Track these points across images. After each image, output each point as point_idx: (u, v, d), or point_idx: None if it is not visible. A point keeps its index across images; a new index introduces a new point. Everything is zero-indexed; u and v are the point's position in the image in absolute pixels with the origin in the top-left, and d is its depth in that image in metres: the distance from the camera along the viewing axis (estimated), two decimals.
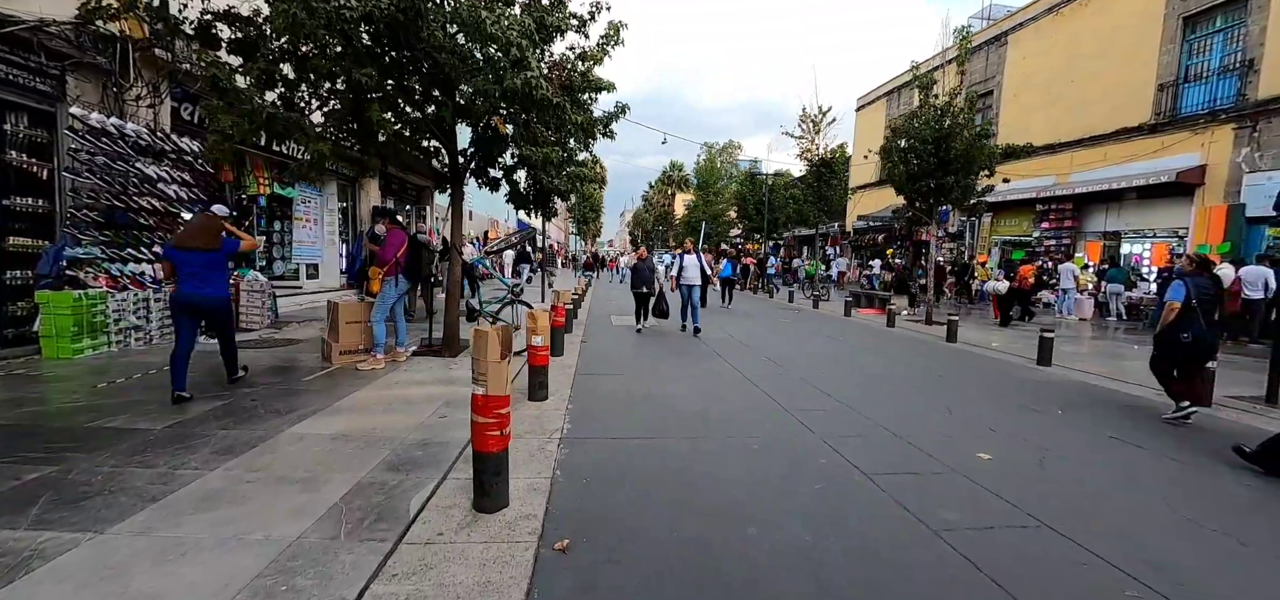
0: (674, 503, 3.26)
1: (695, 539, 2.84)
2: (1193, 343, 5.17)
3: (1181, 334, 5.19)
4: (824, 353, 8.56)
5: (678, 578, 2.49)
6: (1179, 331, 5.20)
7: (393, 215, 6.55)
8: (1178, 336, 5.21)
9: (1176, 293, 5.24)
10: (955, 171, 11.95)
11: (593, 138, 8.32)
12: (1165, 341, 5.35)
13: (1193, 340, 5.16)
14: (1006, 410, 5.63)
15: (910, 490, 3.52)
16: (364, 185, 14.35)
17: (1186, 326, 5.16)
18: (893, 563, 2.68)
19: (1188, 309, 5.14)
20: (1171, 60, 15.12)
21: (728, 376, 6.60)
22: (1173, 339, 5.26)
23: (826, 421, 4.90)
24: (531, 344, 5.06)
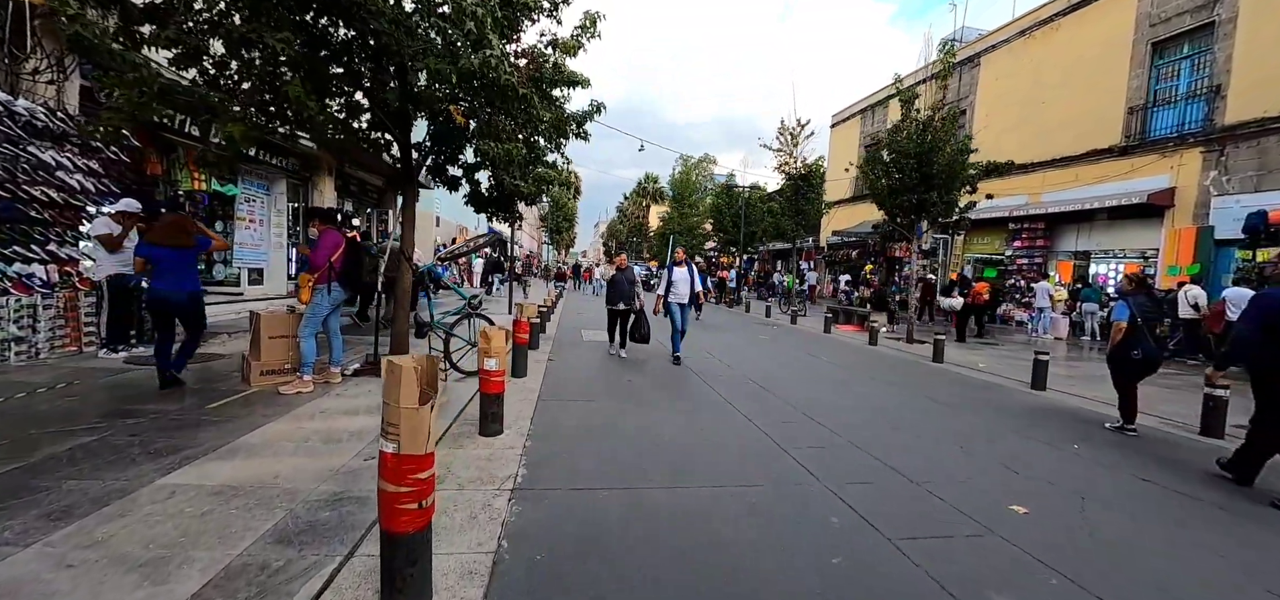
0: (656, 590, 2.45)
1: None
2: (1143, 359, 5.31)
3: (1132, 352, 5.32)
4: (810, 374, 7.89)
5: None
6: (1129, 349, 5.33)
7: (328, 214, 5.61)
8: (1129, 354, 5.35)
9: (1121, 312, 5.43)
10: (938, 187, 11.54)
11: (564, 137, 7.55)
12: (1117, 360, 5.50)
13: (1143, 357, 5.30)
14: (1020, 445, 5.00)
15: (947, 561, 2.79)
16: (318, 184, 13.21)
17: (1135, 344, 5.30)
18: None
19: (1134, 327, 5.29)
20: (1140, 84, 15.18)
21: (711, 403, 5.83)
22: (1124, 357, 5.40)
23: (829, 462, 4.17)
24: (484, 367, 4.20)
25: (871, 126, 25.44)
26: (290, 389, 5.23)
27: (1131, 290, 5.54)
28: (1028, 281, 17.43)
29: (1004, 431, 5.42)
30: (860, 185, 25.77)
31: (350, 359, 6.89)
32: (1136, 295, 5.45)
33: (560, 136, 7.57)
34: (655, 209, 50.38)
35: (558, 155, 8.02)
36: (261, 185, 12.12)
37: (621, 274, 8.44)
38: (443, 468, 3.66)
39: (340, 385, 5.63)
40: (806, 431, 4.97)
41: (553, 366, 7.34)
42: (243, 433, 4.13)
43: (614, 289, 8.45)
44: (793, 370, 8.02)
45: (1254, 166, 12.72)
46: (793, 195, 17.30)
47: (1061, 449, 4.95)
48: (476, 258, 23.68)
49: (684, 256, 8.60)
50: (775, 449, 4.43)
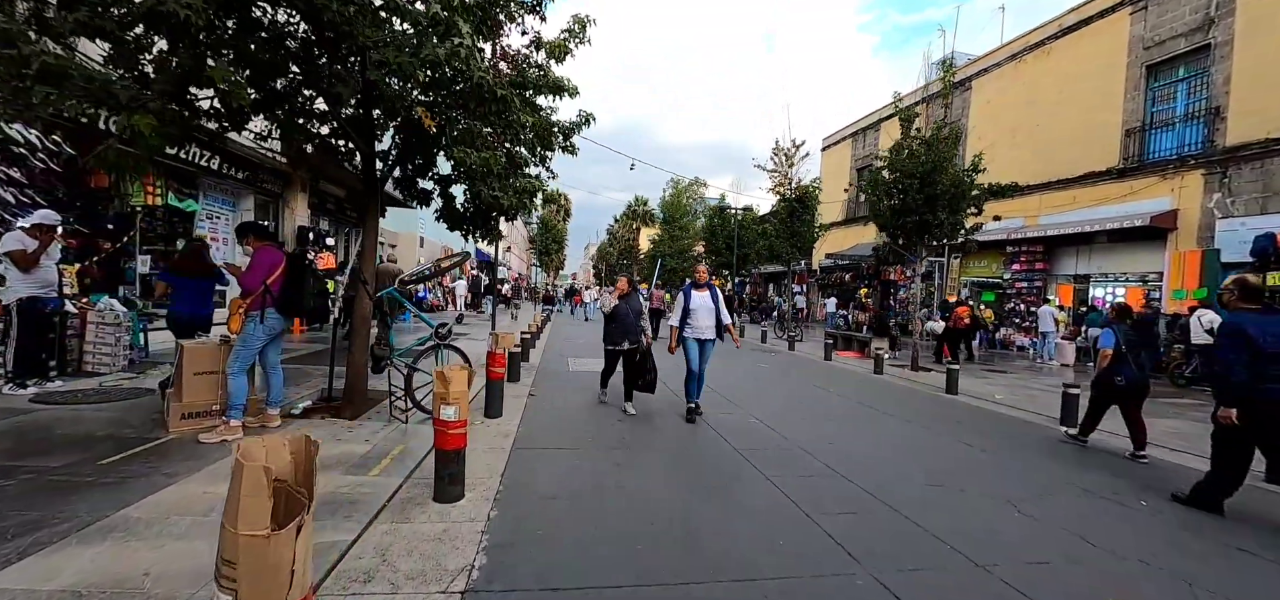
0: None
1: None
2: (1127, 385, 5.40)
3: (1116, 377, 5.44)
4: (822, 409, 7.06)
5: None
6: (1114, 375, 5.44)
7: (262, 230, 4.74)
8: (1113, 380, 5.45)
9: (1107, 340, 5.56)
10: (943, 207, 10.91)
11: (550, 149, 6.78)
12: (1102, 385, 5.62)
13: (1126, 383, 5.40)
14: (1080, 502, 4.20)
15: None
16: (290, 202, 12.31)
17: (1119, 370, 5.42)
18: None
19: (1119, 354, 5.42)
20: (1137, 107, 14.84)
21: (717, 452, 4.97)
22: (1109, 381, 5.50)
23: (869, 537, 3.32)
24: (440, 417, 3.33)
25: (863, 149, 25.12)
26: (213, 437, 4.30)
27: (1115, 318, 5.69)
28: (1028, 305, 16.88)
29: (1054, 483, 4.61)
30: (853, 208, 25.40)
31: (302, 395, 5.98)
32: (1120, 324, 5.58)
33: (545, 148, 6.81)
34: (645, 231, 49.81)
35: (543, 169, 7.25)
36: (226, 201, 11.21)
37: (626, 303, 6.28)
38: (377, 555, 2.77)
39: (279, 429, 4.70)
40: (833, 489, 4.12)
41: (534, 404, 6.45)
42: (131, 500, 3.21)
43: (616, 324, 6.19)
44: (803, 406, 7.19)
45: (1259, 188, 12.29)
46: (787, 217, 16.68)
47: (1129, 506, 4.16)
48: (460, 279, 22.75)
49: (707, 277, 6.33)
50: (801, 518, 3.56)
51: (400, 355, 5.20)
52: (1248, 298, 4.04)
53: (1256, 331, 3.75)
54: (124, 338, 6.79)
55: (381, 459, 4.17)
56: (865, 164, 24.90)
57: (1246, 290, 4.08)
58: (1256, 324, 3.80)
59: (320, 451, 4.07)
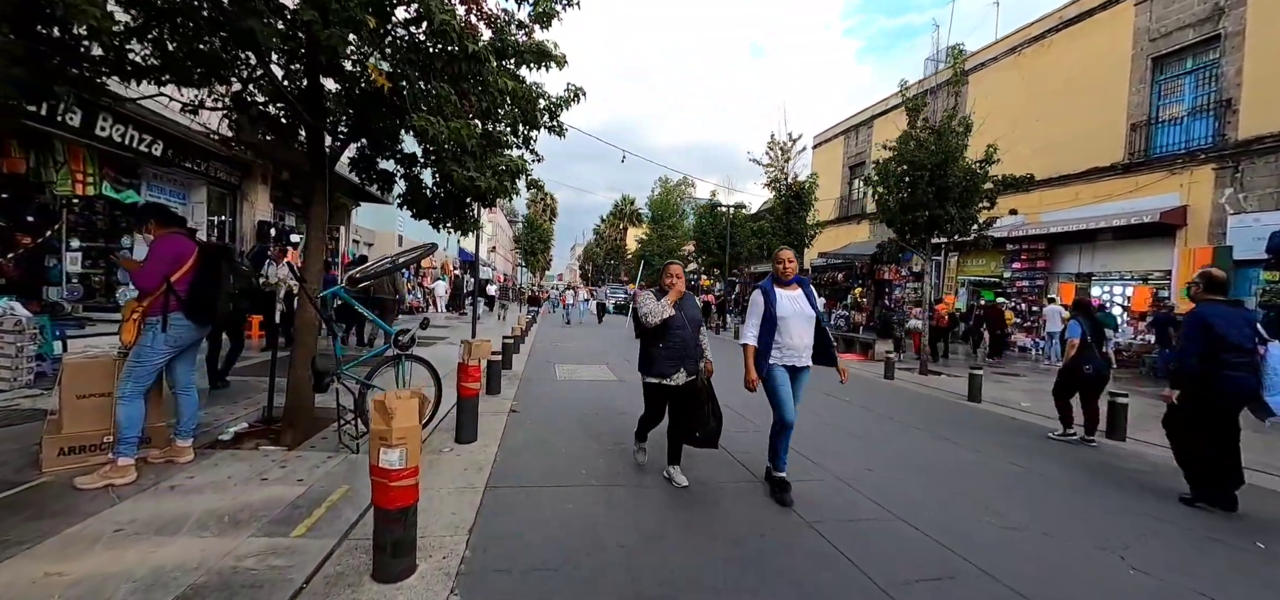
0: None
1: None
2: (1094, 374, 5.71)
3: (1084, 366, 5.71)
4: (842, 425, 6.20)
5: None
6: (1081, 364, 5.71)
7: (164, 212, 3.74)
8: (1081, 368, 5.72)
9: (1074, 331, 5.81)
10: (955, 201, 10.16)
11: (534, 126, 5.85)
12: (1069, 373, 5.87)
13: (1094, 371, 5.70)
14: (1186, 545, 3.37)
15: None
16: (249, 194, 11.18)
17: (1087, 359, 5.70)
18: None
19: (1085, 345, 5.70)
20: (1142, 100, 14.29)
21: (740, 488, 4.05)
22: (1077, 369, 5.76)
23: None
24: (378, 464, 2.38)
25: (855, 147, 24.48)
26: (95, 480, 3.29)
27: (1078, 313, 5.96)
28: (1029, 304, 16.30)
29: (1145, 522, 3.78)
30: (846, 206, 24.75)
31: (236, 416, 4.95)
32: (1083, 317, 5.83)
33: (528, 125, 5.86)
34: (633, 231, 48.88)
35: (526, 151, 6.30)
36: (176, 193, 10.06)
37: (682, 309, 3.87)
38: None
39: (189, 467, 3.70)
40: (898, 543, 3.23)
41: (516, 423, 5.48)
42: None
43: (669, 344, 3.77)
44: (821, 421, 6.31)
45: (1273, 183, 11.74)
46: (783, 214, 15.89)
47: (1238, 548, 3.34)
48: (440, 279, 21.60)
49: (794, 268, 3.91)
50: (877, 595, 2.66)
51: (349, 370, 4.21)
52: (1211, 289, 4.13)
53: (1221, 322, 3.85)
54: (28, 347, 5.68)
55: (315, 508, 3.19)
56: (857, 161, 24.26)
57: (1211, 283, 4.16)
58: (1220, 316, 3.89)
59: (236, 498, 3.09)
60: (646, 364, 3.90)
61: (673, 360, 3.78)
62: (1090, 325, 5.75)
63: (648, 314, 3.75)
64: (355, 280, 4.23)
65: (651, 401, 4.05)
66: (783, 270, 3.87)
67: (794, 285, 3.88)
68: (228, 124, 5.17)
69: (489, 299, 28.21)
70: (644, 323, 3.74)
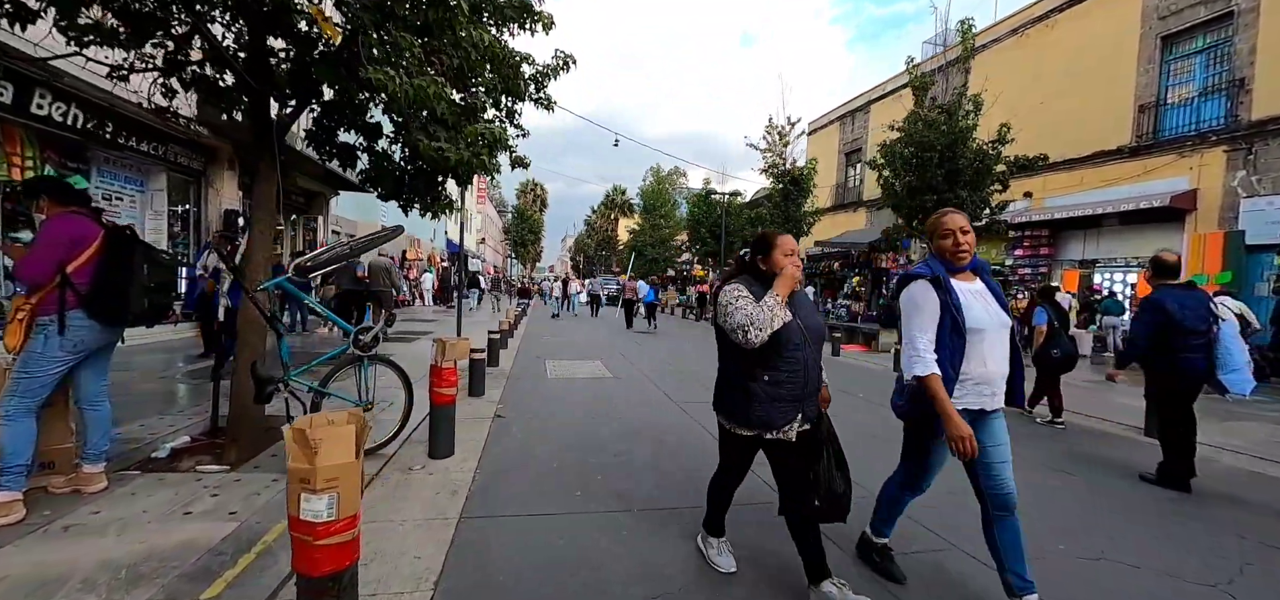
0: None
1: None
2: (1062, 357, 5.84)
3: (1052, 351, 5.84)
4: (878, 432, 5.62)
5: None
6: (1049, 349, 5.85)
7: (60, 187, 3.05)
8: (1051, 353, 5.85)
9: (1040, 317, 5.96)
10: (966, 184, 9.60)
11: (518, 97, 5.20)
12: (1041, 359, 5.93)
13: (1062, 355, 5.84)
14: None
15: None
16: (215, 181, 10.37)
17: (1054, 344, 5.83)
18: None
19: (1052, 330, 5.86)
20: (1150, 81, 13.81)
21: (767, 525, 3.47)
22: (1046, 355, 5.88)
23: None
24: (299, 516, 1.74)
25: (851, 133, 23.91)
26: None
27: (1043, 299, 6.11)
28: (1030, 292, 15.87)
29: (1222, 538, 3.24)
30: (842, 193, 24.21)
31: (176, 429, 4.28)
32: (1049, 305, 6.00)
33: (512, 96, 5.20)
34: (624, 222, 48.12)
35: (510, 125, 5.63)
36: (133, 180, 9.25)
37: (799, 315, 2.27)
38: None
39: (99, 498, 3.03)
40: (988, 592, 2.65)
41: (501, 431, 4.84)
42: None
43: (785, 365, 2.21)
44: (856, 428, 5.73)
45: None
46: (781, 200, 15.27)
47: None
48: (428, 271, 20.80)
49: (971, 243, 2.32)
50: None
51: (298, 376, 3.54)
52: (1161, 274, 4.14)
53: (1175, 306, 3.88)
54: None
55: (242, 554, 2.55)
56: (854, 148, 23.71)
57: (1160, 267, 4.16)
58: (1175, 299, 3.93)
59: (146, 541, 2.44)
60: (738, 404, 2.29)
61: (788, 401, 2.22)
62: (1055, 312, 5.97)
63: (746, 324, 2.11)
64: (304, 269, 3.55)
65: (736, 455, 2.49)
66: (954, 248, 2.28)
67: (970, 273, 2.34)
68: (162, 91, 4.45)
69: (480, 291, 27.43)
70: (741, 338, 2.12)
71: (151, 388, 5.53)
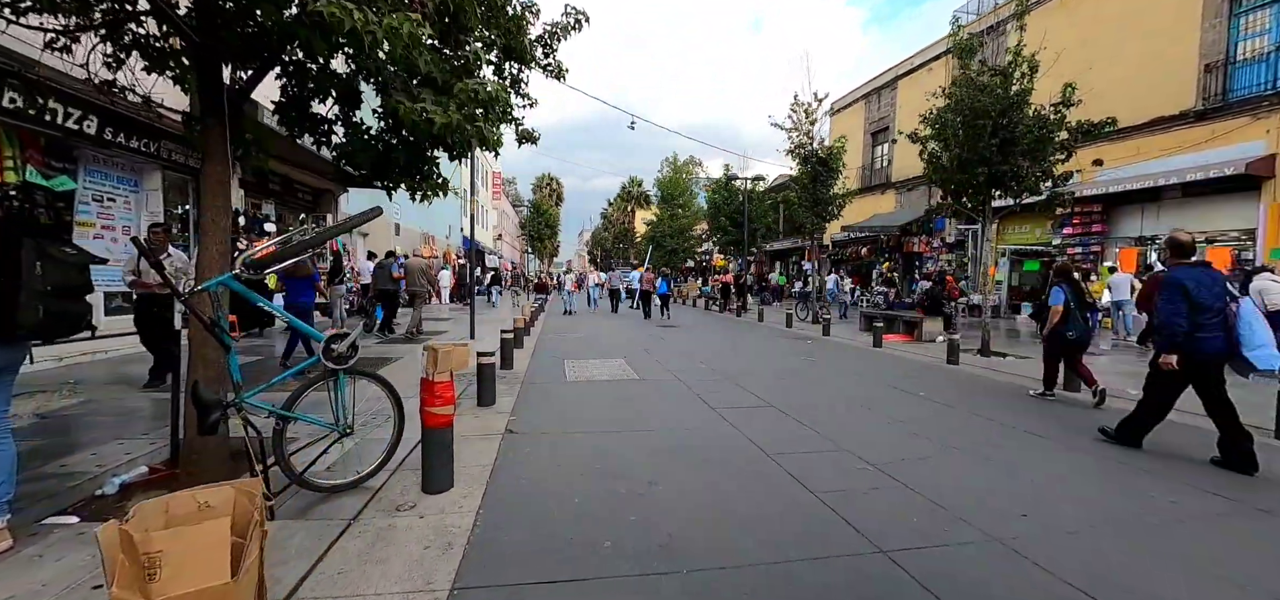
0: None
1: None
2: (1076, 339, 5.79)
3: (1067, 332, 5.76)
4: (952, 439, 4.72)
5: None
6: (1065, 330, 5.75)
7: None
8: (1065, 334, 5.77)
9: (1057, 297, 5.83)
10: (1026, 153, 8.56)
11: (523, 61, 4.45)
12: (1054, 339, 5.90)
13: (1076, 336, 5.77)
14: None
15: None
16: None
17: (1069, 325, 5.74)
18: None
19: (1068, 310, 5.73)
20: (1218, 37, 12.46)
21: (861, 572, 2.63)
22: (1061, 335, 5.79)
23: None
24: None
25: (877, 111, 22.69)
26: None
27: (1060, 280, 5.89)
28: (1084, 273, 14.62)
29: None
30: (869, 176, 23.00)
31: (132, 458, 3.60)
32: (1066, 284, 5.79)
33: (517, 59, 4.43)
34: (640, 214, 47.18)
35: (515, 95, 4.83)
36: (126, 179, 8.69)
37: None
38: None
39: (18, 552, 2.34)
40: None
41: (512, 451, 4.07)
42: None
43: None
44: (924, 436, 4.85)
45: None
46: (809, 182, 14.26)
47: None
48: (444, 269, 20.21)
49: None
50: None
51: (251, 398, 2.80)
52: (1178, 254, 4.13)
53: (1192, 285, 3.84)
54: None
55: None
56: (880, 127, 22.49)
57: (1177, 247, 4.16)
58: (1193, 278, 3.89)
59: None
60: None
61: None
62: (1073, 292, 5.79)
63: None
64: (258, 264, 2.80)
65: None
66: None
67: None
68: (105, 63, 3.76)
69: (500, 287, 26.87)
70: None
71: (114, 406, 4.88)
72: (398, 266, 10.14)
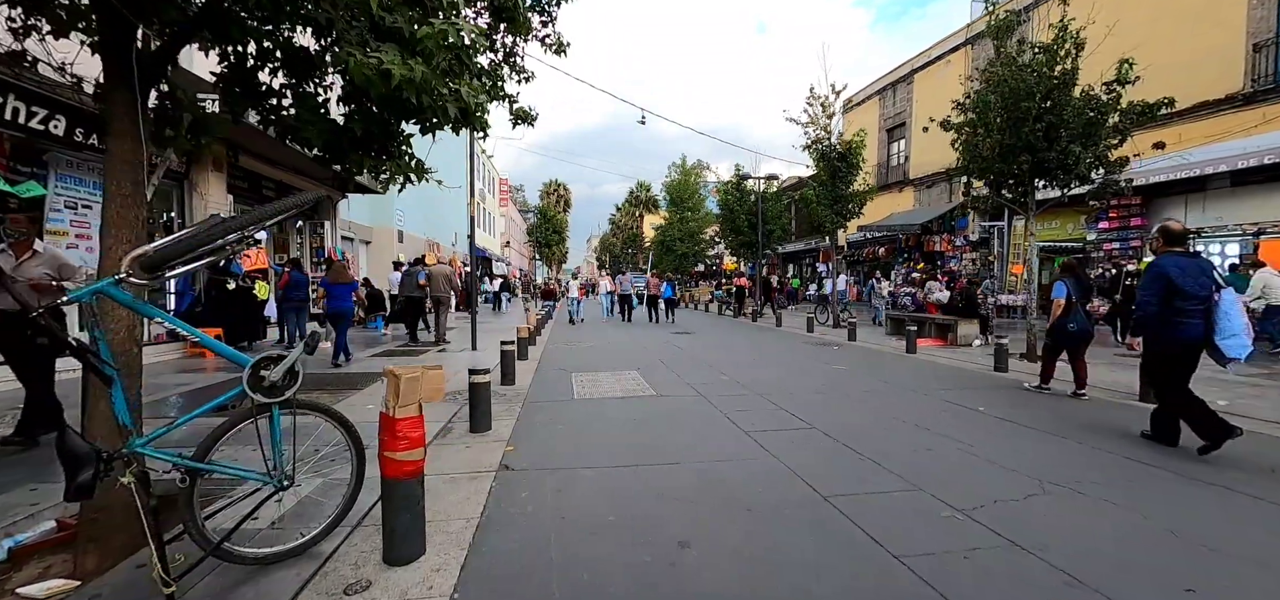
0: None
1: None
2: (1077, 332, 5.83)
3: (1069, 324, 5.81)
4: (1038, 471, 3.88)
5: None
6: (1066, 323, 5.82)
7: None
8: (1066, 327, 5.82)
9: (1059, 291, 5.89)
10: (1078, 138, 7.69)
11: (516, 26, 3.73)
12: (1057, 332, 5.95)
13: (1077, 329, 5.83)
14: None
15: None
16: (199, 184, 9.15)
17: (1072, 318, 5.81)
18: None
19: (1070, 304, 5.81)
20: (1267, 13, 11.51)
21: None
22: (1062, 328, 5.86)
23: None
24: None
25: (893, 107, 21.81)
26: None
27: (1064, 275, 5.97)
28: (1117, 269, 13.64)
29: None
30: (886, 173, 22.08)
31: (41, 509, 2.87)
32: (1070, 279, 5.89)
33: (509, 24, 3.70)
34: (649, 219, 46.40)
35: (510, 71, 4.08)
36: (102, 185, 8.05)
37: None
38: None
39: None
40: None
41: (506, 493, 3.29)
42: None
43: None
44: (994, 466, 4.01)
45: None
46: (829, 179, 13.40)
47: None
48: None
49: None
50: None
51: (146, 444, 2.05)
52: (1171, 242, 4.13)
53: (1176, 273, 3.89)
54: None
55: None
56: (896, 123, 21.60)
57: (1169, 236, 4.15)
58: (1177, 266, 3.93)
59: None
60: None
61: None
62: (1076, 286, 5.88)
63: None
64: (152, 265, 2.06)
65: None
66: None
67: None
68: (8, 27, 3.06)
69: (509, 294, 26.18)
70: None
71: None
72: (423, 275, 10.40)
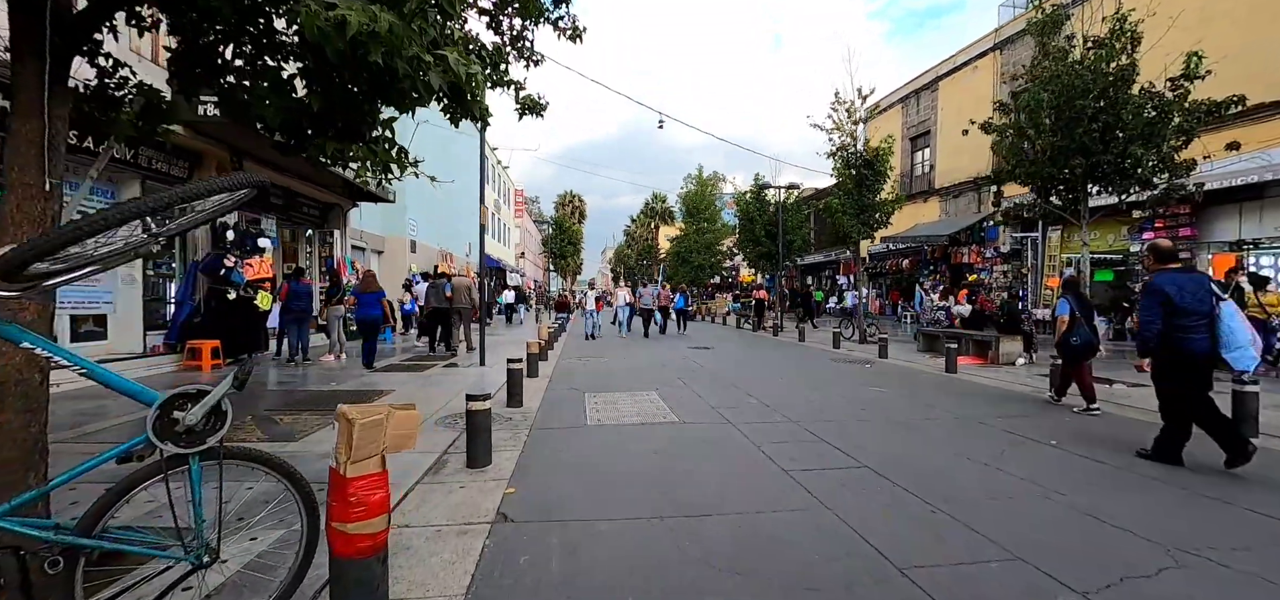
0: None
1: None
2: (1081, 345, 5.87)
3: (1072, 339, 5.87)
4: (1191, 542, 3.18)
5: None
6: (1071, 338, 5.88)
7: None
8: (1071, 342, 5.88)
9: (1062, 308, 6.03)
10: (1140, 139, 6.95)
11: (530, 5, 3.18)
12: (1063, 347, 6.00)
13: (1080, 342, 5.87)
14: None
15: None
16: None
17: (1074, 333, 5.87)
18: None
19: (1074, 320, 5.88)
20: None
21: None
22: (1066, 344, 5.92)
23: None
24: None
25: (916, 115, 21.05)
26: None
27: (1066, 292, 6.08)
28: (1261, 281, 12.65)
29: None
30: (908, 184, 21.27)
31: None
32: (1071, 296, 5.99)
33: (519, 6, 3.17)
34: (664, 230, 45.85)
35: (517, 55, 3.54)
36: (100, 190, 7.73)
37: None
38: None
39: None
40: None
41: (500, 563, 2.68)
42: None
43: None
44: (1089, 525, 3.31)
45: None
46: (855, 188, 12.70)
47: None
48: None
49: None
50: None
51: (15, 513, 1.49)
52: (1161, 260, 4.12)
53: (1174, 289, 3.86)
54: None
55: None
56: (920, 131, 20.84)
57: (1159, 253, 4.15)
58: (1174, 283, 3.90)
59: None
60: None
61: None
62: (1078, 303, 5.94)
63: None
64: (12, 269, 1.52)
65: None
66: None
67: None
68: None
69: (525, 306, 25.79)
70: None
71: None
72: (448, 287, 10.83)
